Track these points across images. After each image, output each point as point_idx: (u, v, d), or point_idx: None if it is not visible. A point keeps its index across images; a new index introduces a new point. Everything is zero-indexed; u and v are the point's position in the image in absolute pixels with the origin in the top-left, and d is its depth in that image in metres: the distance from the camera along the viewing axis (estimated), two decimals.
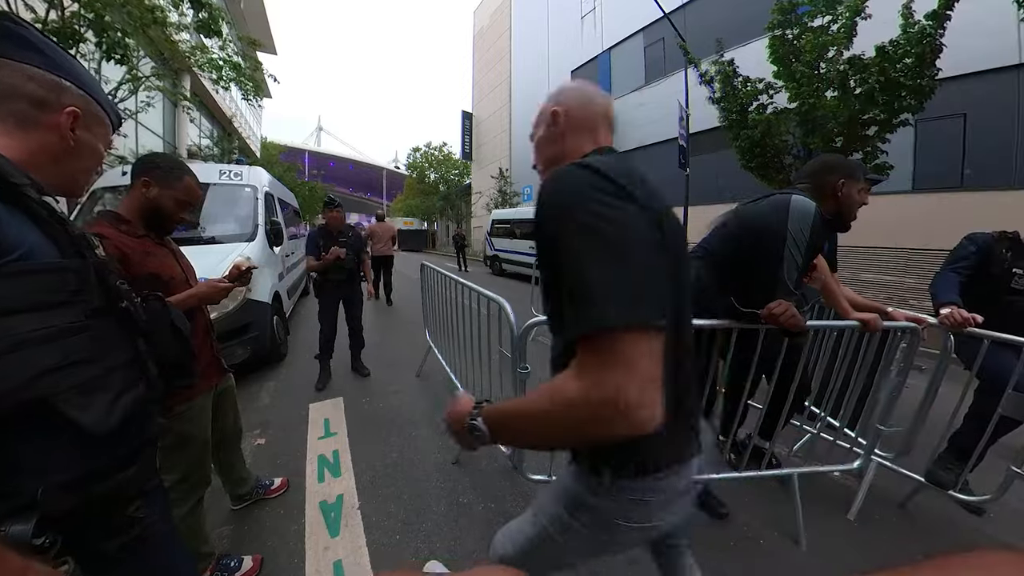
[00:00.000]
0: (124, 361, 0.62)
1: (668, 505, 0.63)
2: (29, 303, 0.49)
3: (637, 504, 0.61)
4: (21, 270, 0.48)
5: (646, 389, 0.42)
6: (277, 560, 1.44)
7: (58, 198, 0.64)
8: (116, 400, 0.57)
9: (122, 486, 0.59)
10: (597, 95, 0.75)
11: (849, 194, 1.34)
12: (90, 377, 0.54)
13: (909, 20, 4.38)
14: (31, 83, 0.56)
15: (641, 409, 0.41)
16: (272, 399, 2.83)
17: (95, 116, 0.64)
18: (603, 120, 0.74)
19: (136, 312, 0.67)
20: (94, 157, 0.66)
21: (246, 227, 3.59)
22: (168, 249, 1.27)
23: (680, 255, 0.60)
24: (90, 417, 0.52)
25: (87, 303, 0.56)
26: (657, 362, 0.44)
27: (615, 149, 0.71)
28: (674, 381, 0.58)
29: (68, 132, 0.59)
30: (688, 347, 0.65)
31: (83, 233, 0.62)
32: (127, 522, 0.60)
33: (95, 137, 0.64)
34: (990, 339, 1.51)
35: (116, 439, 0.57)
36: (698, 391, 0.85)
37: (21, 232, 0.49)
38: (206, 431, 1.31)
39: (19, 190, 0.50)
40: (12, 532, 0.45)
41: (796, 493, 1.57)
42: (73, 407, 0.51)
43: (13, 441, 0.48)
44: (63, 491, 0.50)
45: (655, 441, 0.49)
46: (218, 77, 6.35)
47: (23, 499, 0.47)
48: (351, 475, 1.94)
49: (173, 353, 0.79)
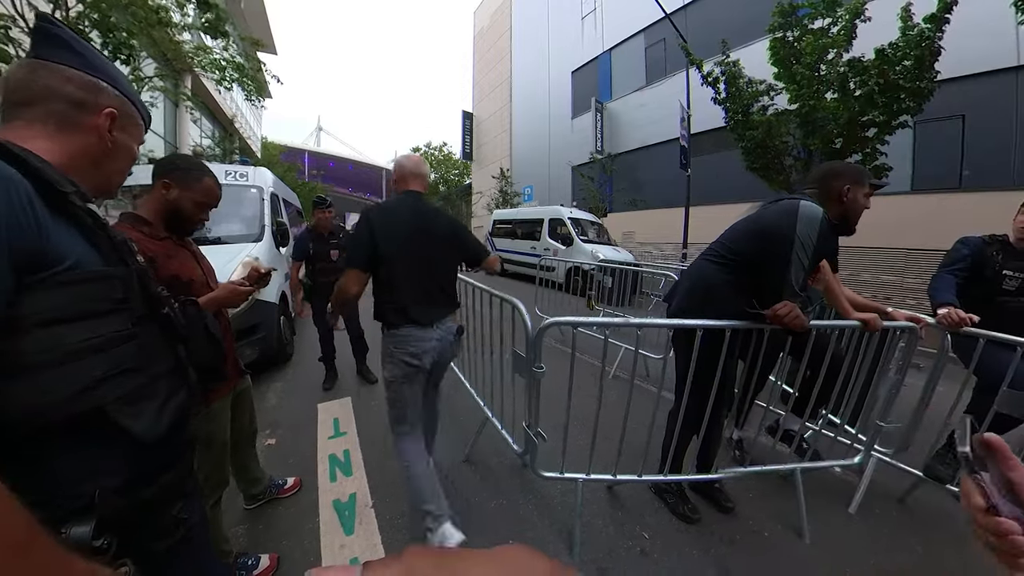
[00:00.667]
0: (167, 368, 0.63)
1: (417, 344, 1.40)
2: (78, 312, 0.49)
3: (395, 341, 1.40)
4: (71, 279, 0.48)
5: (349, 286, 1.37)
6: (293, 558, 1.47)
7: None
8: (163, 407, 0.58)
9: (167, 488, 0.60)
10: (407, 161, 1.53)
11: (854, 199, 1.38)
12: (138, 385, 0.55)
13: (908, 23, 4.43)
14: (69, 85, 0.56)
15: (348, 291, 1.38)
16: (280, 400, 2.86)
17: (130, 116, 0.64)
18: (409, 176, 1.51)
19: (176, 318, 0.68)
20: (129, 157, 0.66)
21: (253, 228, 3.61)
22: (189, 251, 1.28)
23: (398, 239, 1.40)
24: (142, 425, 0.54)
25: (133, 311, 0.56)
26: (356, 280, 1.37)
27: (415, 191, 1.50)
28: (419, 284, 1.42)
29: (107, 133, 0.59)
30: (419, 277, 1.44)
31: (125, 239, 0.62)
32: (173, 523, 0.61)
33: (130, 137, 0.65)
34: (985, 338, 1.56)
35: (162, 443, 0.58)
36: (440, 298, 1.51)
37: (70, 241, 0.50)
38: (226, 432, 1.34)
39: (67, 198, 0.50)
40: (73, 534, 0.46)
41: (799, 488, 1.62)
42: (125, 416, 0.52)
43: (68, 447, 0.49)
44: (116, 494, 0.52)
45: (399, 311, 1.38)
46: (221, 77, 6.36)
47: (81, 502, 0.49)
48: (363, 474, 1.97)
49: (208, 357, 0.81)
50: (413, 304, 1.38)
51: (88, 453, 0.51)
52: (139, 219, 1.15)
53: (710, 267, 1.52)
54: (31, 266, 0.45)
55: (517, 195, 18.08)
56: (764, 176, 6.00)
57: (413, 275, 1.39)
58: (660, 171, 11.07)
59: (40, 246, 0.46)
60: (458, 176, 26.26)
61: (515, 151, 19.64)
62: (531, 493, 1.82)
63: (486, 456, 2.10)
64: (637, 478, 1.61)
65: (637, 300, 4.99)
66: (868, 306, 1.73)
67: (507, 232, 11.06)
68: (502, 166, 19.54)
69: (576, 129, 15.15)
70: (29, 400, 0.45)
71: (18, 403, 0.44)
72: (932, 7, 4.27)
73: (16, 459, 0.46)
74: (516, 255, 10.42)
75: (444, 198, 25.31)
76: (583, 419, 1.80)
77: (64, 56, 0.56)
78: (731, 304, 1.44)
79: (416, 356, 1.39)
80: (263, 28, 17.13)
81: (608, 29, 13.81)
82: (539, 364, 1.41)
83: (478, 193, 22.22)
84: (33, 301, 0.45)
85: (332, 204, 3.12)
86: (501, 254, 11.21)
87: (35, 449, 0.47)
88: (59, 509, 0.47)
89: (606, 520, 1.66)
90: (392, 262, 1.36)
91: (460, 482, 1.90)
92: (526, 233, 10.11)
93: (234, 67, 6.38)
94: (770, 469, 1.72)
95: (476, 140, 24.03)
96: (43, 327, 0.46)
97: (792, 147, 5.69)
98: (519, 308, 1.55)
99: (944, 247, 2.01)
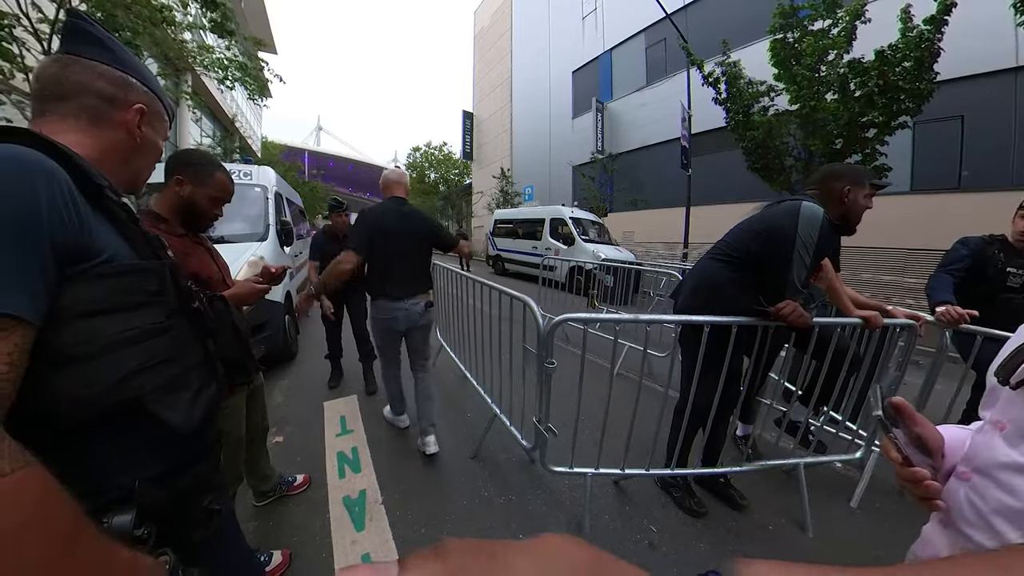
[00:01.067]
0: (198, 361, 0.64)
1: (389, 312, 1.86)
2: (116, 304, 0.50)
3: (375, 307, 1.92)
4: (109, 272, 0.49)
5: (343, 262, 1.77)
6: (305, 554, 1.48)
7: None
8: (196, 398, 0.59)
9: (199, 479, 0.61)
10: (391, 174, 1.95)
11: (855, 200, 1.41)
12: (173, 376, 0.56)
13: (908, 24, 4.46)
14: (101, 80, 0.56)
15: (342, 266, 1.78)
16: (286, 397, 2.87)
17: (157, 112, 0.65)
18: (393, 184, 1.92)
19: (207, 312, 0.69)
20: (156, 152, 0.67)
21: (257, 227, 3.63)
22: (204, 247, 1.30)
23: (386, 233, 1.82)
24: (178, 416, 0.55)
25: (167, 304, 0.57)
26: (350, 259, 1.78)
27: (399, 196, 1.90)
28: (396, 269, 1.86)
29: (136, 129, 0.60)
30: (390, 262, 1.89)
31: (156, 236, 0.64)
32: (206, 514, 0.62)
33: (156, 133, 0.65)
34: (983, 335, 1.60)
35: (194, 435, 0.59)
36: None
37: (106, 234, 0.51)
38: (240, 428, 1.36)
39: (103, 191, 0.51)
40: (115, 523, 0.47)
41: (802, 483, 1.65)
42: (162, 407, 0.53)
43: (108, 439, 0.50)
44: (153, 485, 0.53)
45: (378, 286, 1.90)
46: (224, 77, 6.37)
47: (121, 492, 0.50)
48: (371, 471, 1.99)
49: (235, 352, 0.83)
50: (388, 283, 1.89)
51: (126, 444, 0.52)
52: (157, 216, 1.16)
53: (715, 265, 1.55)
54: (72, 258, 0.46)
55: (518, 195, 18.09)
56: (765, 176, 6.03)
57: (392, 262, 1.87)
58: (661, 171, 11.10)
59: (81, 239, 0.47)
60: (458, 176, 26.24)
61: (516, 151, 19.65)
62: (539, 488, 1.84)
63: (494, 452, 2.12)
64: (645, 472, 1.64)
65: (638, 299, 5.02)
66: (869, 304, 1.76)
67: (508, 232, 11.08)
68: (502, 166, 19.54)
69: (577, 129, 15.16)
70: (72, 391, 0.46)
71: (62, 394, 0.45)
72: (932, 8, 4.30)
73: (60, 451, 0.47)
74: (518, 255, 10.44)
75: (444, 198, 25.30)
76: (589, 415, 1.83)
77: (95, 52, 0.57)
78: (736, 301, 1.48)
79: (387, 320, 1.94)
80: (263, 27, 17.11)
81: (609, 29, 13.83)
82: (551, 360, 1.44)
83: (478, 193, 22.21)
84: (74, 292, 0.46)
85: (348, 207, 3.16)
86: (503, 254, 11.26)
87: (77, 441, 0.48)
88: (101, 499, 0.48)
89: (614, 514, 1.68)
90: (380, 250, 1.83)
91: (469, 478, 1.92)
92: (527, 233, 10.14)
93: (237, 66, 6.39)
94: (774, 464, 1.75)
95: (476, 140, 24.02)
96: (84, 318, 0.47)
97: (792, 148, 5.73)
98: (530, 305, 1.58)
99: (944, 247, 2.05)
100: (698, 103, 7.78)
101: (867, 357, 1.80)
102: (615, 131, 13.34)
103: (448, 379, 3.11)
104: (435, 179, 26.29)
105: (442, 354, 3.19)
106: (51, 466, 0.37)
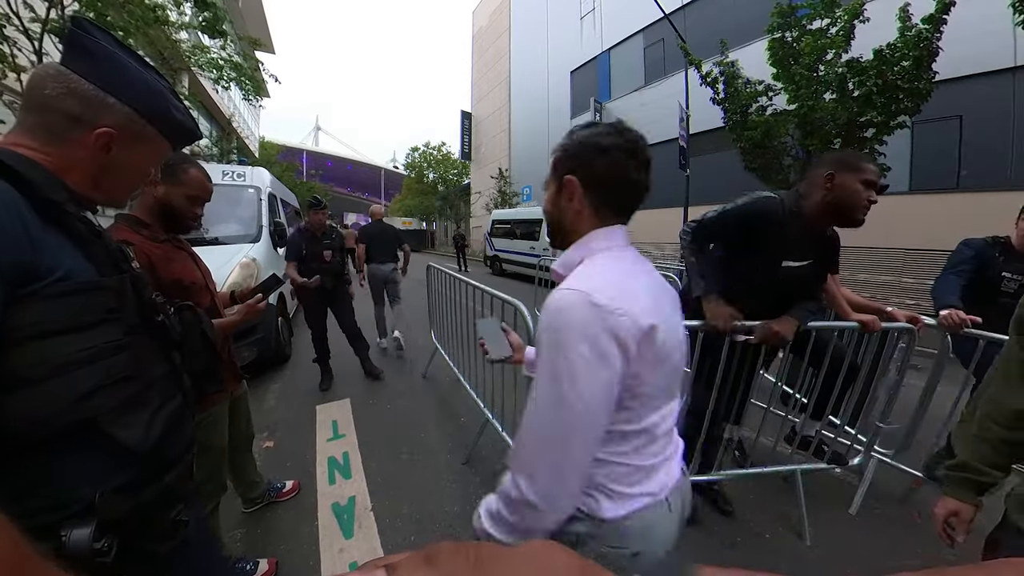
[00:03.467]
0: (161, 374, 0.63)
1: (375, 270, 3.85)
2: (69, 324, 0.49)
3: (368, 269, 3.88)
4: (63, 291, 0.48)
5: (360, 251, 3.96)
6: (292, 562, 1.46)
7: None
8: (156, 413, 0.58)
9: (166, 491, 0.60)
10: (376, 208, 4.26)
11: (843, 184, 1.28)
12: (131, 394, 0.55)
13: (906, 23, 4.44)
14: (70, 98, 0.54)
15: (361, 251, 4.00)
16: (278, 401, 2.84)
17: (138, 135, 0.60)
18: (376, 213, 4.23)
19: (171, 325, 0.68)
20: (135, 175, 0.63)
21: (250, 228, 3.60)
22: (186, 252, 1.26)
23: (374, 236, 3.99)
24: (134, 436, 0.54)
25: (126, 320, 0.56)
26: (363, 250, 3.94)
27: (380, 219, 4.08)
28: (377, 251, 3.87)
29: (99, 152, 0.56)
30: None
31: (119, 247, 0.62)
32: (173, 525, 0.61)
33: (137, 156, 0.61)
34: (984, 339, 1.57)
35: (159, 448, 0.58)
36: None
37: (61, 251, 0.49)
38: (223, 438, 1.33)
39: (59, 207, 0.50)
40: (73, 536, 0.46)
41: (799, 489, 1.62)
42: (118, 427, 0.52)
43: (67, 453, 0.50)
44: (116, 497, 0.52)
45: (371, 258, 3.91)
46: (218, 77, 6.32)
47: (81, 505, 0.49)
48: (362, 477, 1.96)
49: (204, 362, 0.80)
50: (374, 258, 3.81)
51: (87, 458, 0.51)
52: (138, 221, 1.12)
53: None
54: (22, 279, 0.45)
55: (516, 195, 18.07)
56: (763, 176, 6.01)
57: (377, 248, 3.82)
58: (659, 171, 10.84)
59: (30, 259, 0.45)
60: (457, 176, 26.22)
61: (514, 151, 19.63)
62: None
63: (486, 458, 2.09)
64: None
65: None
66: (868, 306, 1.73)
67: (506, 232, 11.06)
68: (501, 166, 19.52)
69: None
70: (26, 412, 0.45)
71: (16, 415, 0.45)
72: (930, 8, 4.28)
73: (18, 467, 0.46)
74: (515, 255, 10.42)
75: (443, 198, 25.27)
76: None
77: (82, 66, 0.54)
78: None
79: (375, 276, 3.81)
80: (261, 27, 17.08)
81: (607, 29, 13.82)
82: None
83: (477, 193, 22.20)
84: (24, 314, 0.45)
85: (327, 205, 3.13)
86: (500, 254, 11.25)
87: (35, 457, 0.48)
88: (61, 513, 0.48)
89: None
90: (370, 243, 3.81)
91: (461, 484, 1.89)
92: (525, 233, 10.11)
93: (232, 66, 6.35)
94: (771, 470, 1.72)
95: (475, 140, 24.01)
96: (36, 339, 0.46)
97: (790, 147, 5.70)
98: (521, 310, 1.55)
99: (942, 247, 2.03)
100: (696, 103, 7.75)
101: (865, 361, 1.78)
102: None
103: (443, 383, 3.08)
104: (433, 179, 26.26)
105: (436, 357, 3.16)
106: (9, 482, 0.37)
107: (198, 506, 0.72)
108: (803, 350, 1.60)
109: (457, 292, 2.47)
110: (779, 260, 1.39)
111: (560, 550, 0.18)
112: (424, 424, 2.49)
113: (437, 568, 0.16)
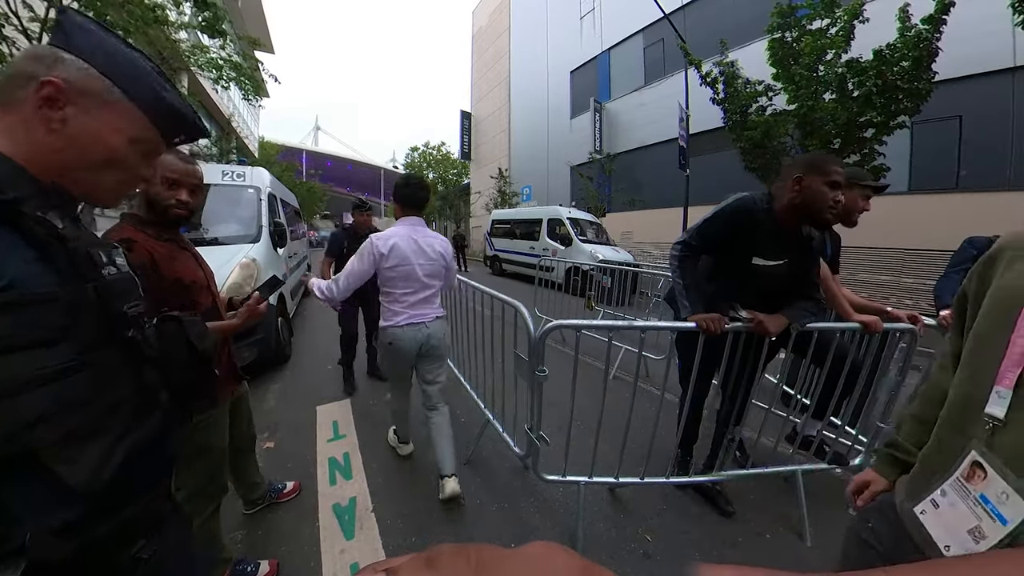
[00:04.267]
0: (128, 395, 0.54)
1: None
2: (8, 345, 0.42)
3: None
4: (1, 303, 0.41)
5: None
6: (293, 563, 1.45)
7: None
8: (118, 443, 0.51)
9: (124, 527, 0.52)
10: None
11: (809, 186, 1.29)
12: (84, 423, 0.48)
13: (906, 24, 4.45)
14: (27, 60, 0.49)
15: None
16: (278, 402, 2.83)
17: (96, 93, 0.51)
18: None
19: (145, 341, 0.59)
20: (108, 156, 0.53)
21: (250, 228, 3.59)
22: (189, 252, 1.25)
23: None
24: (78, 474, 0.46)
25: (79, 339, 0.48)
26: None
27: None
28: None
29: (49, 111, 0.48)
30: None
31: (89, 253, 0.52)
32: (131, 564, 0.53)
33: (96, 121, 0.51)
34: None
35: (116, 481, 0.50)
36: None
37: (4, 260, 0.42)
38: (224, 440, 1.32)
39: (13, 207, 0.43)
40: None
41: (800, 490, 1.62)
42: (61, 461, 0.45)
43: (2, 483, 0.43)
44: (56, 537, 0.45)
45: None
46: (218, 77, 6.31)
47: (11, 545, 0.42)
48: (363, 477, 1.96)
49: (189, 376, 0.72)
50: None
51: (19, 492, 0.43)
52: (141, 220, 1.10)
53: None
54: None
55: (515, 195, 18.07)
56: (762, 176, 6.02)
57: None
58: (659, 171, 11.08)
59: None
60: (456, 176, 26.20)
61: (513, 151, 19.64)
62: (533, 496, 1.81)
63: (487, 459, 2.09)
64: (640, 480, 1.60)
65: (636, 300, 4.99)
66: (868, 306, 1.73)
67: (506, 232, 11.05)
68: (500, 166, 19.51)
69: (575, 129, 15.15)
70: None
71: None
72: (930, 8, 4.29)
73: None
74: (515, 255, 10.41)
75: (442, 198, 25.25)
76: (584, 421, 1.80)
77: (56, 39, 0.50)
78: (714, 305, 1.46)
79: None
80: (260, 27, 17.07)
81: (607, 29, 13.82)
82: (542, 368, 1.41)
83: (476, 193, 22.19)
84: None
85: (371, 207, 3.21)
86: (500, 254, 11.25)
87: None
88: None
89: (608, 523, 1.65)
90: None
91: (461, 485, 1.88)
92: (525, 233, 10.10)
93: (231, 66, 6.34)
94: (772, 471, 1.72)
95: (474, 140, 24.00)
96: None
97: (790, 147, 5.71)
98: (521, 311, 1.55)
99: (941, 247, 2.03)
100: (696, 103, 7.76)
101: (867, 361, 1.78)
102: (613, 131, 13.33)
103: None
104: (433, 179, 26.24)
105: None
106: None
107: (175, 530, 0.63)
108: (804, 350, 1.60)
109: (459, 293, 2.47)
110: (748, 256, 1.41)
111: (561, 551, 0.18)
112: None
113: (438, 571, 0.16)
